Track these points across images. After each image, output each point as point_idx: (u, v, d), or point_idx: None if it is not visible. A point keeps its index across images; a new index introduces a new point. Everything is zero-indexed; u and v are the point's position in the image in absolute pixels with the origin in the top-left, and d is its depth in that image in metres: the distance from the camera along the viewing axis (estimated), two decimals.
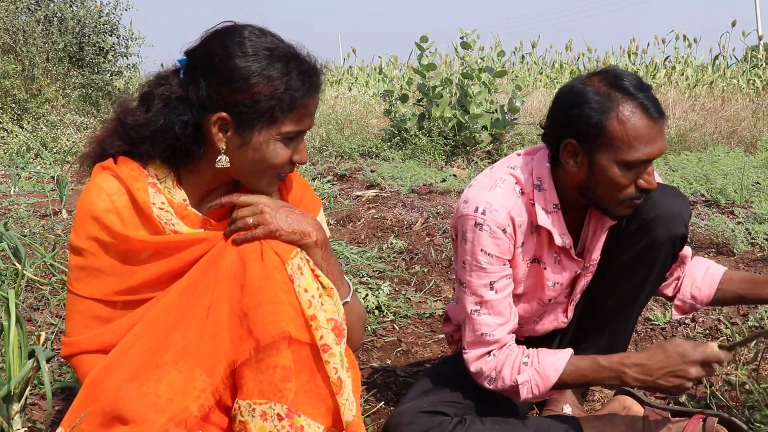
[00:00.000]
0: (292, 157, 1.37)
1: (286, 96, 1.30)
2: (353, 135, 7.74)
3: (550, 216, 1.64)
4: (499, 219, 1.60)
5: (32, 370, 1.57)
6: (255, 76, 1.29)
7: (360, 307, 1.50)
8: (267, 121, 1.31)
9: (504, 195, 1.63)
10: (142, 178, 1.38)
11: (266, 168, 1.36)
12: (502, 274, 1.64)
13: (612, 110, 1.51)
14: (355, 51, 16.90)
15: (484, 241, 1.60)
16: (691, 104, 8.66)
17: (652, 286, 1.75)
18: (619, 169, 1.53)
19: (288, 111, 1.32)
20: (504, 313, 1.64)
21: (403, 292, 2.93)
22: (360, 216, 4.17)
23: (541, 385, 1.59)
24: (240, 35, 1.32)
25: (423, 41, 6.68)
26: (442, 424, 1.57)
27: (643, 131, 1.51)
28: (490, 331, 1.63)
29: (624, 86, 1.53)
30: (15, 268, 2.75)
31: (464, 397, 1.68)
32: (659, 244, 1.67)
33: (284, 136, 1.34)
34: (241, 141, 1.33)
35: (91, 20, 9.97)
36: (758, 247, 3.37)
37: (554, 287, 1.74)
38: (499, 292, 1.63)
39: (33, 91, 8.95)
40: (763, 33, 14.54)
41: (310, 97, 1.34)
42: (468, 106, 6.52)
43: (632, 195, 1.57)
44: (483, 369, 1.64)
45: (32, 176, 6.15)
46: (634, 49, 14.96)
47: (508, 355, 1.63)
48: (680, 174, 4.91)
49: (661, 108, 1.55)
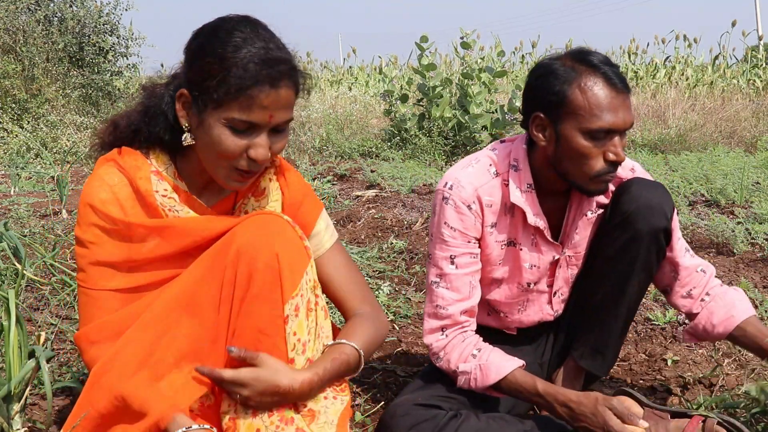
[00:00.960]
0: (248, 152, 1.32)
1: (233, 80, 1.26)
2: (353, 135, 7.74)
3: (523, 195, 1.68)
4: (464, 195, 1.66)
5: (32, 370, 1.57)
6: (210, 56, 1.29)
7: (374, 345, 1.52)
8: (215, 103, 1.29)
9: (475, 174, 1.69)
10: (144, 167, 1.41)
11: (216, 155, 1.33)
12: (465, 251, 1.68)
13: (575, 80, 1.56)
14: (355, 51, 16.92)
15: (448, 214, 1.67)
16: (691, 104, 8.67)
17: (638, 280, 1.74)
18: (584, 139, 1.57)
19: (233, 96, 1.27)
20: (461, 289, 1.69)
21: (403, 292, 2.93)
22: (360, 216, 4.17)
23: (479, 381, 1.64)
24: (227, 22, 1.33)
25: (423, 41, 6.68)
26: (436, 417, 1.58)
27: (605, 100, 1.55)
28: (445, 305, 1.69)
29: (589, 60, 1.59)
30: (15, 268, 2.75)
31: (460, 393, 1.69)
32: (640, 236, 1.67)
33: (230, 123, 1.29)
34: (198, 121, 1.33)
35: (91, 20, 9.97)
36: (758, 247, 3.37)
37: (531, 270, 1.76)
38: (460, 267, 1.68)
39: (33, 91, 8.95)
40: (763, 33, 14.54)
41: (260, 87, 1.27)
42: (468, 106, 6.52)
43: (602, 170, 1.59)
44: (433, 345, 1.70)
45: (32, 176, 6.15)
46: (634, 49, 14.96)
47: (460, 341, 1.68)
48: (680, 174, 4.91)
49: (626, 81, 1.59)
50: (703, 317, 1.78)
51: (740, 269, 3.09)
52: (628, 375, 2.16)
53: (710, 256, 3.32)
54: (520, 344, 1.86)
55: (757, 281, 2.93)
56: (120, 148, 1.44)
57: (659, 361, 2.22)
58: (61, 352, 2.20)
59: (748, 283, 2.82)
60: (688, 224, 3.73)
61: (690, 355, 2.24)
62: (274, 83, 1.28)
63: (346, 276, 1.55)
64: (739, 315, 1.75)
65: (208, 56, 1.29)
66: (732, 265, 3.14)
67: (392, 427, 1.59)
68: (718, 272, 3.01)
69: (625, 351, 2.28)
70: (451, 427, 1.57)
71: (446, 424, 1.57)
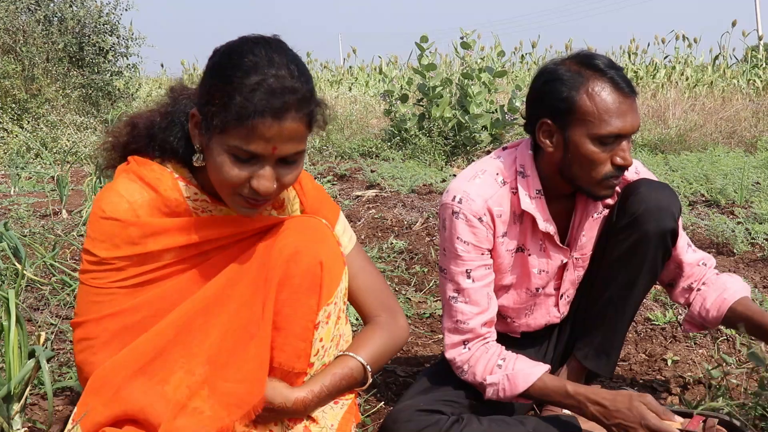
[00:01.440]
0: (251, 182, 1.25)
1: (235, 107, 1.19)
2: (353, 135, 7.74)
3: (533, 201, 1.68)
4: (474, 208, 1.64)
5: (32, 370, 1.57)
6: (218, 78, 1.24)
7: (385, 356, 1.52)
8: (218, 128, 1.22)
9: (482, 185, 1.67)
10: (165, 176, 1.35)
11: (221, 181, 1.26)
12: (480, 263, 1.67)
13: (582, 85, 1.55)
14: (355, 51, 16.92)
15: (460, 229, 1.65)
16: (691, 104, 8.66)
17: (645, 281, 1.74)
18: (593, 145, 1.56)
19: (234, 124, 1.20)
20: (480, 302, 1.68)
21: (403, 292, 2.93)
22: (360, 216, 4.17)
23: (508, 390, 1.63)
24: (244, 44, 1.26)
25: (423, 41, 6.68)
26: (438, 423, 1.58)
27: (614, 105, 1.54)
28: (465, 319, 1.67)
29: (595, 64, 1.57)
30: (15, 268, 2.75)
31: (462, 397, 1.69)
32: (648, 238, 1.67)
33: (231, 150, 1.22)
34: (205, 143, 1.28)
35: (91, 20, 9.97)
36: (758, 247, 3.37)
37: (540, 275, 1.76)
38: (477, 281, 1.67)
39: (33, 91, 8.95)
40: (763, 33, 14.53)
41: (262, 119, 1.19)
42: (468, 106, 6.52)
43: (610, 173, 1.59)
44: (456, 359, 1.69)
45: (32, 176, 6.16)
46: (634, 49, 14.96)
47: (483, 352, 1.67)
48: (680, 174, 4.91)
49: (632, 85, 1.58)
50: (698, 303, 1.79)
51: (740, 269, 3.09)
52: (628, 375, 2.16)
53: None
54: (524, 347, 1.86)
55: (757, 281, 2.93)
56: (133, 158, 1.38)
57: (659, 361, 2.22)
58: (61, 352, 2.20)
59: (749, 282, 2.82)
60: (688, 224, 3.73)
61: (690, 355, 2.24)
62: (278, 115, 1.20)
63: (364, 280, 1.53)
64: (730, 296, 1.75)
65: (216, 78, 1.24)
66: (732, 265, 3.14)
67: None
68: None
69: (625, 351, 2.28)
70: (454, 431, 1.57)
71: (449, 428, 1.58)
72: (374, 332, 1.50)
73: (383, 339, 1.50)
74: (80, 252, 3.24)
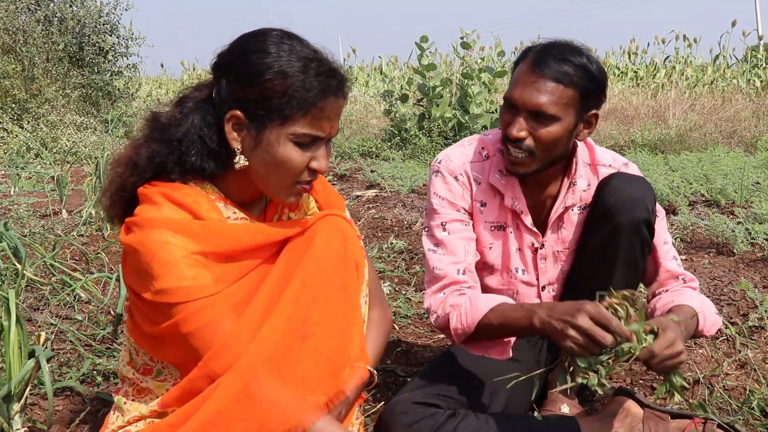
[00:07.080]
0: (310, 164, 1.32)
1: (299, 94, 1.25)
2: (353, 135, 7.75)
3: (503, 178, 1.74)
4: (451, 166, 1.75)
5: (32, 370, 1.57)
6: (269, 72, 1.26)
7: (382, 352, 1.56)
8: (279, 119, 1.27)
9: (465, 152, 1.77)
10: (200, 198, 1.33)
11: (280, 172, 1.31)
12: (455, 218, 1.74)
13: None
14: (355, 51, 16.94)
15: (437, 185, 1.76)
16: (691, 104, 8.67)
17: (623, 273, 1.72)
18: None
19: (300, 110, 1.26)
20: (456, 252, 1.73)
21: (403, 292, 2.93)
22: (360, 216, 4.17)
23: (469, 315, 1.62)
24: (263, 35, 1.30)
25: (423, 41, 6.68)
26: (435, 415, 1.58)
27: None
28: (442, 266, 1.73)
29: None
30: (15, 268, 2.76)
31: (458, 393, 1.69)
32: (621, 228, 1.67)
33: (297, 138, 1.28)
34: (255, 141, 1.29)
35: (91, 20, 9.99)
36: (758, 247, 3.37)
37: (516, 254, 1.81)
38: (452, 233, 1.74)
39: (33, 91, 8.96)
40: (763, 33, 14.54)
41: (326, 99, 1.28)
42: (468, 106, 6.53)
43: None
44: (432, 304, 1.73)
45: (32, 176, 6.16)
46: (634, 49, 14.97)
47: (458, 296, 1.69)
48: (680, 174, 4.91)
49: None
50: (651, 304, 1.76)
51: (740, 269, 3.09)
52: (628, 375, 2.16)
53: (710, 256, 3.32)
54: (517, 342, 1.86)
55: (757, 281, 2.92)
56: (154, 183, 1.33)
57: None
58: (61, 352, 2.20)
59: (748, 283, 2.81)
60: (688, 224, 3.73)
61: (690, 355, 2.24)
62: (335, 92, 1.29)
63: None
64: (678, 302, 1.68)
65: (267, 74, 1.26)
66: (732, 265, 3.14)
67: (391, 424, 1.60)
68: (718, 272, 3.02)
69: None
70: (450, 425, 1.57)
71: (445, 422, 1.58)
72: (370, 332, 1.52)
73: (380, 337, 1.53)
74: (80, 252, 3.26)
